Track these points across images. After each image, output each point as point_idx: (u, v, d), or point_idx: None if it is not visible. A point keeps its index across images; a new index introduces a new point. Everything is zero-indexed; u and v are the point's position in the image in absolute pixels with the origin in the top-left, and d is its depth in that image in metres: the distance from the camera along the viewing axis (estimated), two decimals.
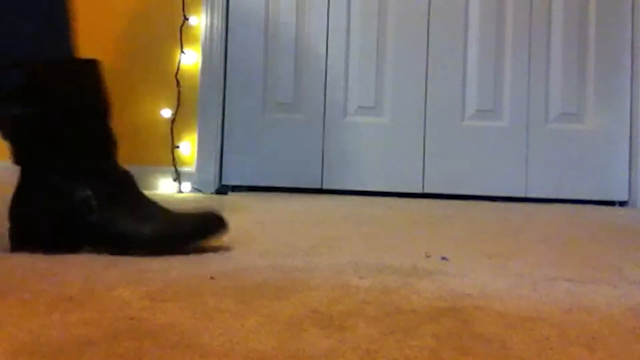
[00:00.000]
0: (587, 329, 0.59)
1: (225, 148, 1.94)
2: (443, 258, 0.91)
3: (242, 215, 1.35)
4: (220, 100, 1.94)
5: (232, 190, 1.94)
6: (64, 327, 0.56)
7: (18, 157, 0.92)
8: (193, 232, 0.90)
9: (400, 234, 1.20)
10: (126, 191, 0.92)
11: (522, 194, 1.87)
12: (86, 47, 2.17)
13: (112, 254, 0.87)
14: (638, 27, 1.85)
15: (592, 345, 0.54)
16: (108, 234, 0.88)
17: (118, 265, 0.82)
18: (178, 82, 1.95)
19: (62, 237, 0.89)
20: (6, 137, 0.92)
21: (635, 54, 1.86)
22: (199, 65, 1.96)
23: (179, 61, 1.96)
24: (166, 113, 1.95)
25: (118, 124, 2.26)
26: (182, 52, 1.96)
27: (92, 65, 0.94)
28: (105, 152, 0.93)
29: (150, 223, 0.88)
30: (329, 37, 1.91)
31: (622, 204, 1.86)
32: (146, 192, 0.93)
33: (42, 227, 0.89)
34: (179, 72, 1.96)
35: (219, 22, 1.91)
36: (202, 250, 0.90)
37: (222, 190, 1.91)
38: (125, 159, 2.20)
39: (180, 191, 1.92)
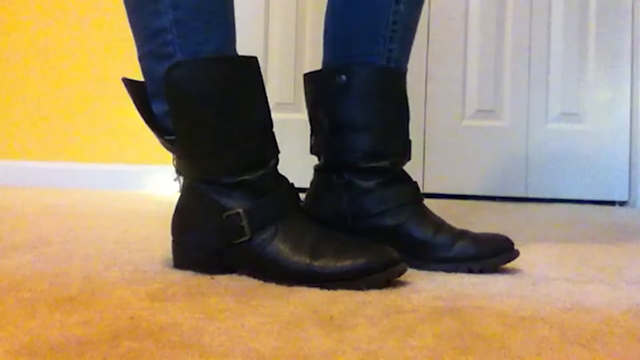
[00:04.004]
0: (587, 329, 0.59)
1: None
2: None
3: None
4: None
5: None
6: (64, 327, 0.56)
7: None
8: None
9: None
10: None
11: (522, 194, 1.87)
12: (86, 46, 2.17)
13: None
14: (638, 27, 1.85)
15: (592, 345, 0.54)
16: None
17: (118, 265, 0.82)
18: None
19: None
20: None
21: (635, 54, 1.85)
22: None
23: None
24: None
25: (118, 124, 2.26)
26: None
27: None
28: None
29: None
30: None
31: (622, 204, 1.86)
32: (145, 192, 0.92)
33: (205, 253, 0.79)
34: None
35: None
36: None
37: None
38: (125, 159, 2.20)
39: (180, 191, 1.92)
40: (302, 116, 1.87)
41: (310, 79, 0.95)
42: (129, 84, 0.80)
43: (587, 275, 0.83)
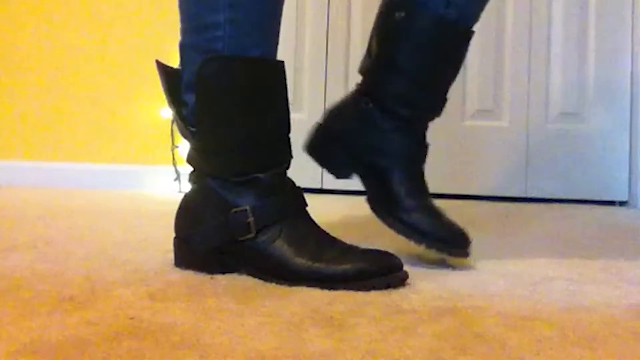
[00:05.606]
0: (587, 329, 0.59)
1: None
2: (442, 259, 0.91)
3: None
4: None
5: None
6: (64, 327, 0.56)
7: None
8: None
9: None
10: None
11: (522, 194, 1.87)
12: (86, 46, 2.17)
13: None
14: (638, 27, 1.85)
15: (592, 345, 0.54)
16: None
17: (118, 265, 0.82)
18: None
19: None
20: None
21: (635, 54, 1.85)
22: None
23: None
24: (166, 113, 1.95)
25: (118, 124, 2.26)
26: None
27: None
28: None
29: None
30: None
31: (622, 204, 1.86)
32: (146, 192, 0.92)
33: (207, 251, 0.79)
34: None
35: None
36: None
37: None
38: (125, 159, 2.20)
39: (180, 191, 1.92)
40: (302, 116, 1.88)
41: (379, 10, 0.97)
42: (162, 67, 0.81)
43: (587, 275, 0.83)
